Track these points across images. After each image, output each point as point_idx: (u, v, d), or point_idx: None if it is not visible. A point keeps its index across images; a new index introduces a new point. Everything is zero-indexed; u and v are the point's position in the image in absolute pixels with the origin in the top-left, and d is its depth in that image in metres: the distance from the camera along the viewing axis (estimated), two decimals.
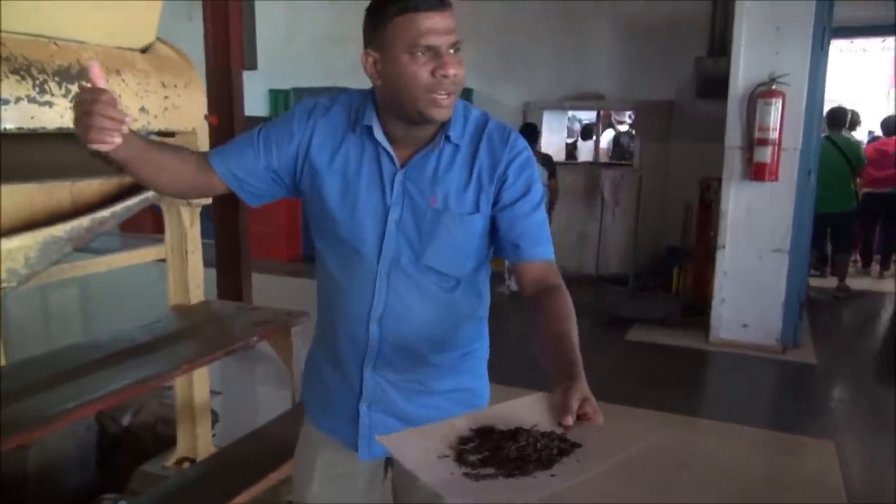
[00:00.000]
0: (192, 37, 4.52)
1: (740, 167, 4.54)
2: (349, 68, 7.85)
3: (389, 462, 1.49)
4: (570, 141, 9.05)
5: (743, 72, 4.45)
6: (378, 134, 1.27)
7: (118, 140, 1.11)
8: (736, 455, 3.26)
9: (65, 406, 1.60)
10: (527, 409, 1.06)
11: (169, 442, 2.63)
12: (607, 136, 8.38)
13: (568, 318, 1.22)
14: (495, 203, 1.29)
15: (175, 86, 2.22)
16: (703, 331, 4.84)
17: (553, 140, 7.39)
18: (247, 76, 5.02)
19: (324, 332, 1.42)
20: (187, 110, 2.26)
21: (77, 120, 1.10)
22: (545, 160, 6.05)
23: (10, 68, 1.73)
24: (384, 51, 1.18)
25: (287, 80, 7.81)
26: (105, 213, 2.01)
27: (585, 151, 8.22)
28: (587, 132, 8.51)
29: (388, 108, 1.25)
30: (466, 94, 7.35)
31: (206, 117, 2.38)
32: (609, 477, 3.18)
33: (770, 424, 3.67)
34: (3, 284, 1.77)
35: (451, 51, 1.18)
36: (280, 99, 7.89)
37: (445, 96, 1.18)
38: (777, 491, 2.92)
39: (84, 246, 2.05)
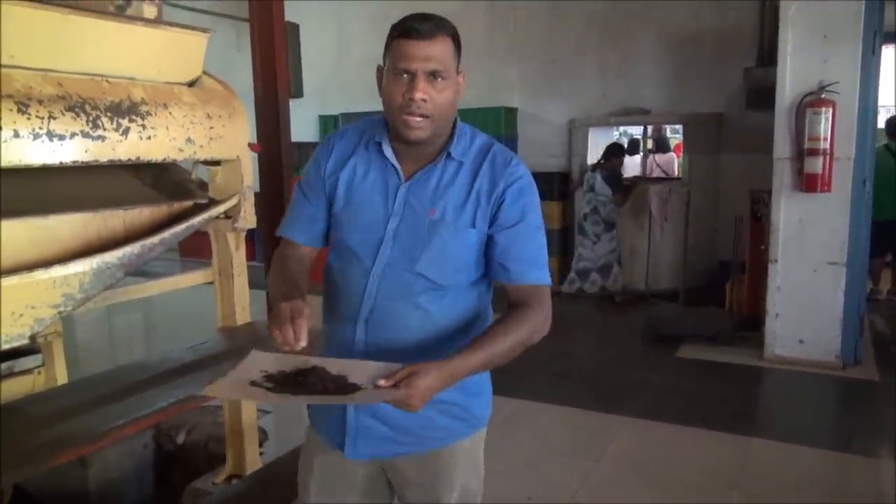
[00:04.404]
0: (241, 65, 4.71)
1: (790, 178, 4.42)
2: None
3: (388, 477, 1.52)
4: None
5: (790, 81, 4.36)
6: (386, 149, 1.39)
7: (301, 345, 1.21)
8: (791, 475, 3.15)
9: (112, 424, 1.68)
10: (363, 368, 1.23)
11: (220, 460, 2.72)
12: None
13: (504, 331, 1.31)
14: (492, 223, 1.37)
15: (220, 116, 2.32)
16: (757, 347, 4.71)
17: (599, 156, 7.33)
18: (298, 103, 5.19)
19: (325, 336, 1.51)
20: (231, 139, 2.36)
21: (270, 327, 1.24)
22: (611, 177, 6.28)
23: (67, 105, 1.85)
24: (385, 68, 1.34)
25: (336, 105, 8.00)
26: (154, 239, 2.10)
27: (632, 166, 8.12)
28: (633, 147, 8.42)
29: (389, 125, 1.38)
30: (511, 114, 7.39)
31: (249, 145, 2.48)
32: (657, 496, 3.13)
33: (828, 444, 3.53)
34: (60, 309, 1.88)
35: (428, 78, 1.28)
36: (329, 124, 8.09)
37: (415, 118, 1.29)
38: None
39: (135, 270, 2.15)
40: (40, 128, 1.78)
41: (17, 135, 1.75)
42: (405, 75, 1.28)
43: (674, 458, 3.34)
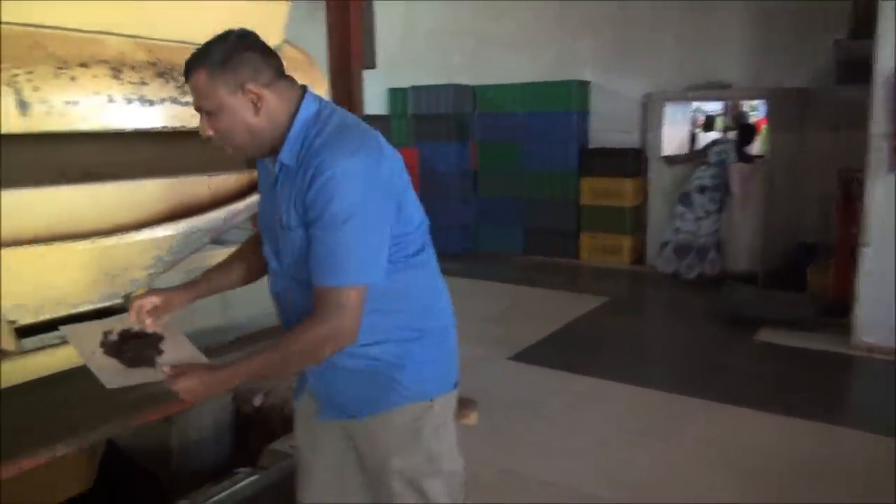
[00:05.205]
0: (314, 38, 4.73)
1: (887, 157, 4.15)
2: (466, 63, 7.90)
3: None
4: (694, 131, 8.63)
5: (891, 52, 4.07)
6: (266, 158, 1.47)
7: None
8: (880, 468, 2.99)
9: None
10: (184, 352, 1.49)
11: None
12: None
13: (282, 343, 1.36)
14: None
15: None
16: (842, 334, 4.47)
17: (676, 132, 7.09)
18: (366, 76, 5.18)
19: None
20: None
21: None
22: (744, 156, 6.17)
23: (157, 72, 1.88)
24: None
25: (405, 78, 7.97)
26: (239, 205, 2.14)
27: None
28: (709, 124, 8.09)
29: None
30: (583, 87, 7.21)
31: None
32: (738, 484, 3.03)
33: None
34: (152, 271, 1.93)
35: (204, 113, 1.37)
36: (398, 97, 8.06)
37: (223, 147, 1.41)
38: None
39: (218, 237, 2.19)
40: (133, 93, 1.81)
41: (111, 100, 1.79)
42: None
43: (754, 444, 3.21)
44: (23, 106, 1.59)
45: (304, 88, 1.43)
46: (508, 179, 7.52)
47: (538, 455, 3.10)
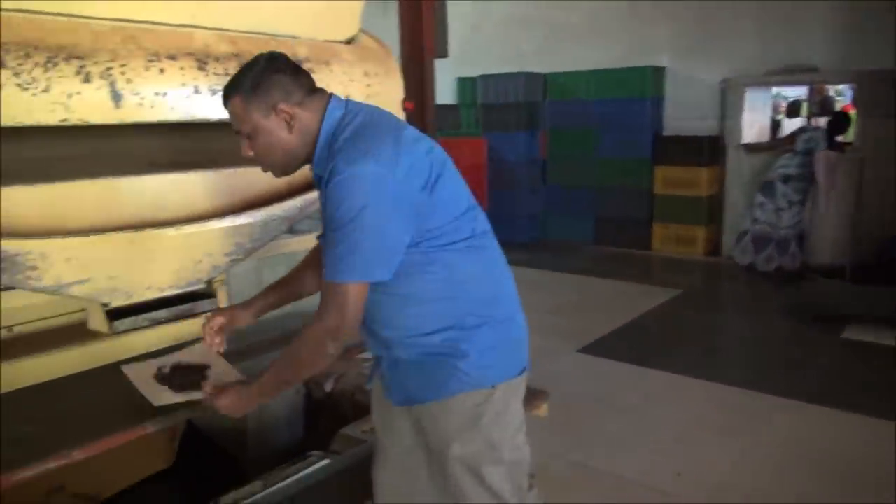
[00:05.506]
0: (387, 32, 4.75)
1: None
2: (537, 51, 7.80)
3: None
4: (776, 118, 8.26)
5: None
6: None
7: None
8: None
9: None
10: (226, 374, 1.65)
11: (364, 410, 2.80)
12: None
13: (287, 349, 1.44)
14: None
15: (376, 74, 2.34)
16: None
17: (756, 119, 6.80)
18: (436, 65, 5.18)
19: None
20: (386, 97, 2.37)
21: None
22: (835, 146, 5.91)
23: (240, 63, 1.91)
24: None
25: (475, 67, 7.93)
26: (313, 194, 2.17)
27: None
28: (794, 110, 7.72)
29: None
30: (657, 73, 7.01)
31: (403, 103, 2.49)
32: (819, 487, 2.88)
33: None
34: (233, 257, 1.99)
35: (244, 136, 1.44)
36: (467, 87, 8.03)
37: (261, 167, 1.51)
38: None
39: (293, 226, 2.24)
40: (217, 84, 1.86)
41: (196, 91, 1.85)
42: None
43: (838, 446, 3.07)
44: (116, 97, 1.66)
45: (330, 96, 1.46)
46: (579, 168, 7.41)
47: (608, 449, 3.05)
